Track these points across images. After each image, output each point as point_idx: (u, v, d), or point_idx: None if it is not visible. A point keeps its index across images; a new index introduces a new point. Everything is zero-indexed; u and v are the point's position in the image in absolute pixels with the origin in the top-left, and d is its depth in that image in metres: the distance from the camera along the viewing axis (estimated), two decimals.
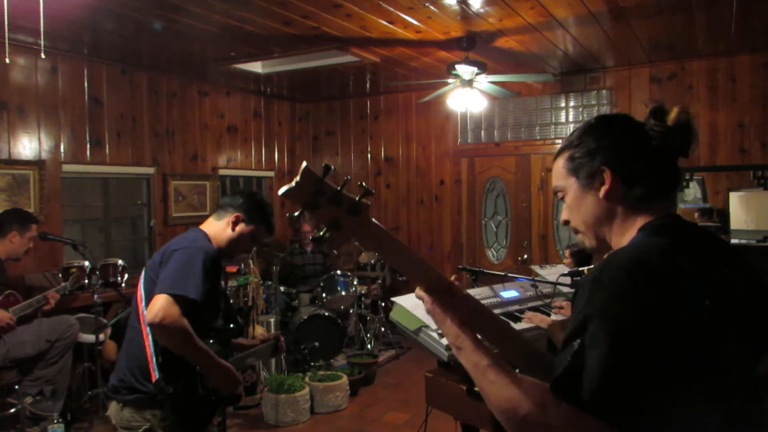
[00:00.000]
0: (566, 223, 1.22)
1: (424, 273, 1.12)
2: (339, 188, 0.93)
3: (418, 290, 1.16)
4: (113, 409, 2.19)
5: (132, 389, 2.13)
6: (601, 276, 0.94)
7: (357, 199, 0.95)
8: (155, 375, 2.08)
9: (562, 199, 1.19)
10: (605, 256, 1.01)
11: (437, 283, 1.13)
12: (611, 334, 0.88)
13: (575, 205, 1.16)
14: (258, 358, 2.56)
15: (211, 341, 2.19)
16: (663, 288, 0.91)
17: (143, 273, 2.22)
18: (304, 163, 0.92)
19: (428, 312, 1.15)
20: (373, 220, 0.99)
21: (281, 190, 0.91)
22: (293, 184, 0.91)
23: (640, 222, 1.08)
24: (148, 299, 2.08)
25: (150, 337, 2.10)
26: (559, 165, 1.18)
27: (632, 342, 0.88)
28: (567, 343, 0.93)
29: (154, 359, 2.10)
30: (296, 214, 0.94)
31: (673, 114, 1.09)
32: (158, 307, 1.98)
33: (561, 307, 2.61)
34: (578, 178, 1.14)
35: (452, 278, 1.17)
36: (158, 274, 2.12)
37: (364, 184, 0.97)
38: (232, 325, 2.44)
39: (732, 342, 0.95)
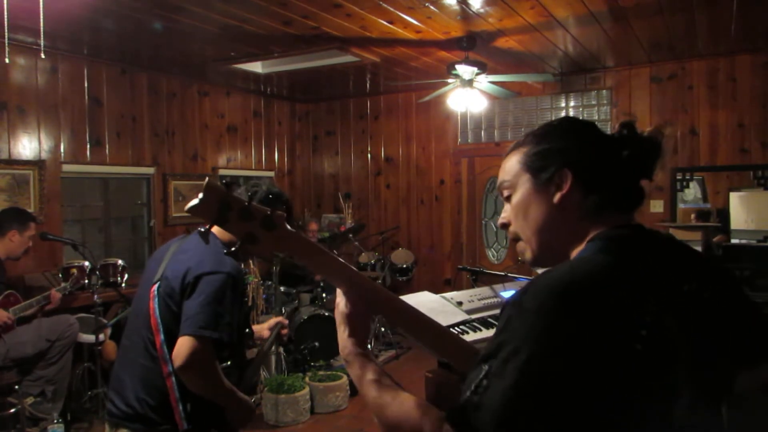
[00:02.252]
0: (505, 226, 1.12)
1: (347, 279, 1.08)
2: (247, 203, 0.90)
3: (338, 294, 1.12)
4: None
5: (151, 422, 1.91)
6: (523, 299, 0.86)
7: (268, 212, 0.92)
8: (183, 424, 1.88)
9: (507, 198, 1.10)
10: (534, 276, 0.91)
11: (357, 289, 1.09)
12: (521, 365, 0.80)
13: (522, 206, 1.06)
14: (265, 355, 2.46)
15: (229, 363, 2.02)
16: (589, 319, 0.82)
17: (155, 293, 1.92)
18: (207, 179, 0.90)
19: (335, 316, 1.12)
20: (290, 229, 0.96)
21: (188, 206, 0.88)
22: (197, 200, 0.87)
23: (592, 232, 0.99)
24: (167, 332, 1.87)
25: (173, 378, 1.86)
26: (513, 159, 1.09)
27: (542, 377, 0.80)
28: (477, 365, 0.86)
29: (181, 406, 1.88)
30: (203, 229, 0.93)
31: (647, 129, 1.03)
32: (187, 351, 1.77)
33: None
34: (533, 177, 1.05)
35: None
36: (179, 304, 1.87)
37: (272, 194, 0.95)
38: (246, 330, 2.24)
39: (682, 372, 0.84)
